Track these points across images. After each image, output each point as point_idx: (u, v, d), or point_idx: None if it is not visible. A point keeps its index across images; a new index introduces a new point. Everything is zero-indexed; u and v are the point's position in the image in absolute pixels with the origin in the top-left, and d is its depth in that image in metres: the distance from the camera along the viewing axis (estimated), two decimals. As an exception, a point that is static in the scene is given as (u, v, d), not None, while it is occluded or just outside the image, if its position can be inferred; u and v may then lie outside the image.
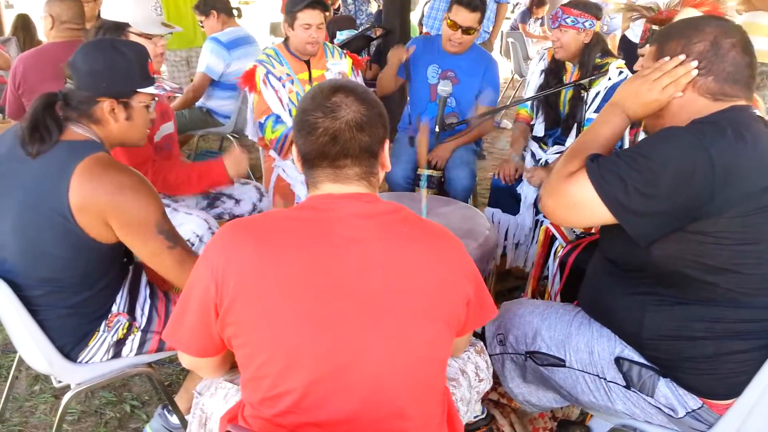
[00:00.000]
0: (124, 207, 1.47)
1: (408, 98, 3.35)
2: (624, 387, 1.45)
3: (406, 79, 3.25)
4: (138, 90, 1.63)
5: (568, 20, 2.61)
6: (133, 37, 2.20)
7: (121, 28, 2.21)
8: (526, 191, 2.79)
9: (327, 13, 2.88)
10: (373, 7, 5.86)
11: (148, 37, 2.24)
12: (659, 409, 1.42)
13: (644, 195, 1.26)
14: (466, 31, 3.00)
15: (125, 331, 1.66)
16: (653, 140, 1.32)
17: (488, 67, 3.21)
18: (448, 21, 3.01)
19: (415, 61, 3.22)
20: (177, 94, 1.80)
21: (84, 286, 1.57)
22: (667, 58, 1.37)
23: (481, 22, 3.03)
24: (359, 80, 3.07)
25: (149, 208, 1.50)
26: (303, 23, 2.72)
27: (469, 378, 1.50)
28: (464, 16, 2.96)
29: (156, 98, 1.71)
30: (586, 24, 2.61)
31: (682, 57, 1.35)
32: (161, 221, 1.53)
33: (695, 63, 1.33)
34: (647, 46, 1.50)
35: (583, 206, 1.33)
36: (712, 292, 1.30)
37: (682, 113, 1.36)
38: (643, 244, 1.31)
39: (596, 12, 2.65)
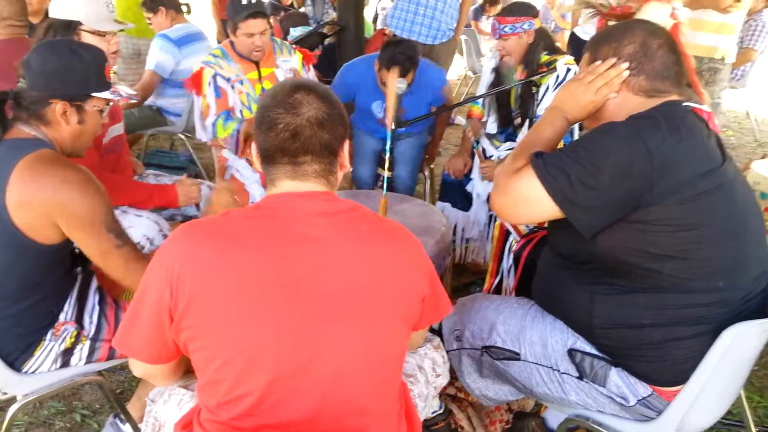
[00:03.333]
0: (71, 203, 1.42)
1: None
2: (577, 378, 1.48)
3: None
4: (93, 94, 1.58)
5: (506, 29, 2.64)
6: (85, 35, 2.13)
7: (72, 26, 2.13)
8: (479, 188, 2.82)
9: (270, 19, 2.82)
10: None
11: (101, 34, 2.17)
12: (611, 398, 1.46)
13: (587, 187, 1.30)
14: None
15: (73, 340, 1.60)
16: (594, 135, 1.38)
17: (440, 85, 3.17)
18: (381, 81, 2.93)
19: (356, 95, 3.18)
20: (133, 100, 1.76)
21: (26, 293, 1.51)
22: (599, 62, 1.45)
23: (414, 74, 2.91)
24: (311, 75, 3.04)
25: (98, 204, 1.46)
26: (245, 32, 2.67)
27: (426, 374, 1.51)
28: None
29: (110, 103, 1.66)
30: (524, 26, 2.64)
31: (613, 60, 1.42)
32: (110, 219, 1.49)
33: (626, 64, 1.41)
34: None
35: (530, 201, 1.37)
36: (657, 279, 1.34)
37: (619, 112, 1.42)
38: (587, 235, 1.35)
39: (531, 12, 2.67)
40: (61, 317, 1.59)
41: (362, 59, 3.33)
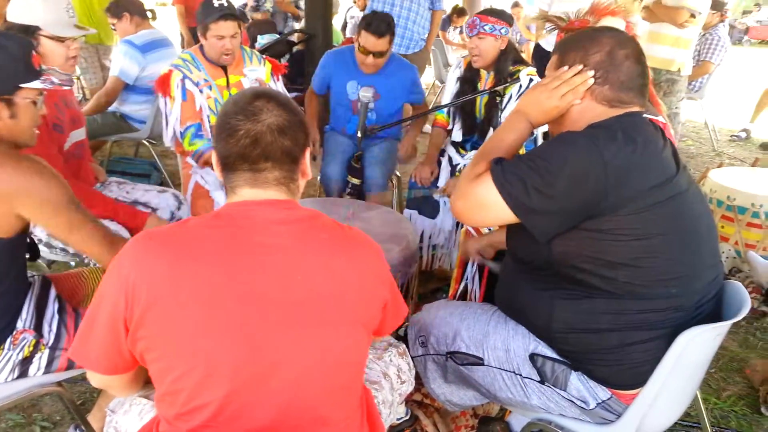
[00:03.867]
0: (33, 189, 1.41)
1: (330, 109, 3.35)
2: (539, 382, 1.50)
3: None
4: (21, 86, 1.53)
5: (486, 27, 2.69)
6: (44, 41, 2.11)
7: (31, 31, 2.10)
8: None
9: (241, 22, 2.84)
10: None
11: (61, 40, 2.14)
12: (572, 401, 1.48)
13: (543, 194, 1.32)
14: (378, 54, 3.00)
15: (31, 348, 1.57)
16: (552, 144, 1.40)
17: (413, 79, 3.26)
18: (359, 46, 3.01)
19: (331, 78, 3.23)
20: (66, 86, 1.71)
21: None
22: (565, 68, 1.46)
23: (391, 42, 3.02)
24: (279, 86, 3.05)
25: (59, 187, 1.46)
26: (215, 34, 2.68)
27: (391, 381, 1.51)
28: (373, 43, 2.95)
29: (44, 92, 1.62)
30: (502, 31, 2.70)
31: (579, 67, 1.44)
32: (75, 199, 1.48)
33: (592, 72, 1.43)
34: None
35: (488, 207, 1.39)
36: (613, 285, 1.37)
37: (580, 119, 1.44)
38: (542, 240, 1.37)
39: (509, 19, 2.76)
40: (19, 324, 1.56)
41: (344, 46, 3.40)
